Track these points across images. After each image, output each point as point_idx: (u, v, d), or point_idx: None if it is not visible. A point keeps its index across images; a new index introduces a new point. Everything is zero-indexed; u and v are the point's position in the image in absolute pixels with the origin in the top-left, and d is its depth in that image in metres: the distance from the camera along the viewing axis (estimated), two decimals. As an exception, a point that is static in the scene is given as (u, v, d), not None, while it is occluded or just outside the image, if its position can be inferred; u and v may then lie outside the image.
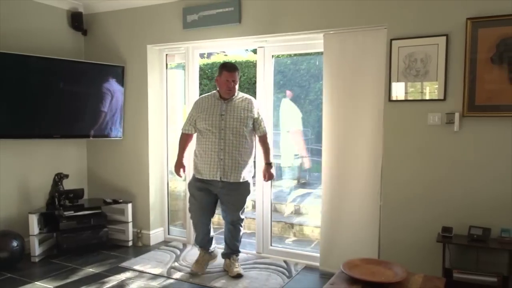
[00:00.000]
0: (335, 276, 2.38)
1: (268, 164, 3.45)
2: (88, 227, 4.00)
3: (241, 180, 3.29)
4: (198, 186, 3.36)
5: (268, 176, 3.47)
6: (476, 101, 2.87)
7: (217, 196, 3.39)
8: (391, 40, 3.11)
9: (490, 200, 2.90)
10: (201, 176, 3.32)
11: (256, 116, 3.31)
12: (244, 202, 3.41)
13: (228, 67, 3.26)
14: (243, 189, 3.36)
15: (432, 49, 2.99)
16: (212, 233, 3.55)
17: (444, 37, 2.94)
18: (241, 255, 3.67)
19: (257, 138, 3.41)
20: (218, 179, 3.24)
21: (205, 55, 6.49)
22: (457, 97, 2.94)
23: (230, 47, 4.46)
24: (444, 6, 2.95)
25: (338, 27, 3.33)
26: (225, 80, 3.22)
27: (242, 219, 3.46)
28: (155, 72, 4.33)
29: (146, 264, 3.76)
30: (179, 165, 3.51)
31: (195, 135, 3.47)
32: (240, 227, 3.48)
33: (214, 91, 3.37)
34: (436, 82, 3.01)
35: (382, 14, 3.15)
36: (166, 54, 4.39)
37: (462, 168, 2.98)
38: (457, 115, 2.93)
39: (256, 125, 3.32)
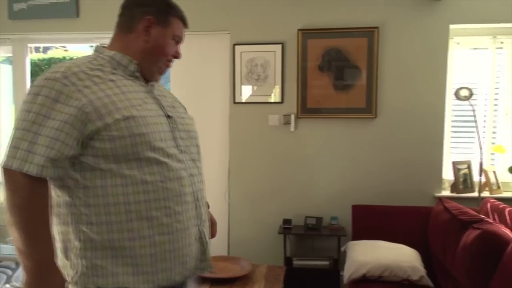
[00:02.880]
0: (184, 278, 2.38)
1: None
2: None
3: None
4: None
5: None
6: (307, 104, 3.21)
7: None
8: (234, 45, 3.26)
9: (322, 191, 3.27)
10: (152, 284, 1.18)
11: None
12: None
13: (182, 15, 1.48)
14: None
15: (270, 55, 3.23)
16: None
17: (280, 45, 3.20)
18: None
19: None
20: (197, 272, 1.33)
21: (41, 49, 5.80)
22: (292, 100, 3.24)
23: (70, 42, 4.07)
24: (280, 17, 3.22)
25: (183, 29, 3.33)
26: (173, 42, 1.40)
27: None
28: (-28, 66, 3.69)
29: (-35, 293, 3.18)
30: (53, 276, 1.11)
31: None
32: None
33: (111, 57, 1.32)
34: (275, 86, 3.25)
35: (225, 20, 3.28)
36: (-13, 46, 3.78)
37: (298, 165, 3.29)
38: (292, 117, 3.22)
39: None
